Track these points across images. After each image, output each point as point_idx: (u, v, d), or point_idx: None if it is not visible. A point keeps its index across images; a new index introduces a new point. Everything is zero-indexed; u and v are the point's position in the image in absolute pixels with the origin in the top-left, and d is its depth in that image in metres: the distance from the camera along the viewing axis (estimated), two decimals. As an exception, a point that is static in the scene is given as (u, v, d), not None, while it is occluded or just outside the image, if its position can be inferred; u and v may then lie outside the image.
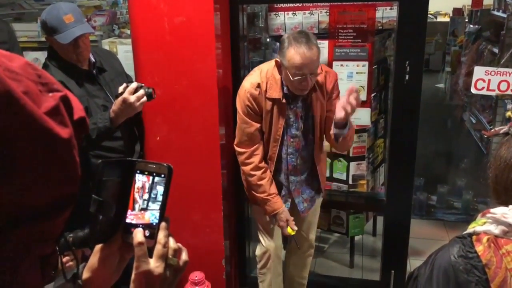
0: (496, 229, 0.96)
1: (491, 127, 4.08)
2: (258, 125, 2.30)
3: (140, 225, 0.81)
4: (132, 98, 2.03)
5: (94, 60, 2.33)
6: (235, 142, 2.39)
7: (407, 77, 2.39)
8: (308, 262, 2.76)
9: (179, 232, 2.64)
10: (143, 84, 2.10)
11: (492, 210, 1.00)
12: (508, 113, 1.01)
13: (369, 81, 2.51)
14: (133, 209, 0.82)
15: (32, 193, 0.50)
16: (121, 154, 2.34)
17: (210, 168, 2.58)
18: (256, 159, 2.33)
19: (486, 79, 2.28)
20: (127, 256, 0.86)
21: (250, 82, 2.27)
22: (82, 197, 0.69)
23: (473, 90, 2.34)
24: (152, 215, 0.81)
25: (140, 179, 0.82)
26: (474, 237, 0.99)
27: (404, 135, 2.52)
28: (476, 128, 4.81)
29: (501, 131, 1.06)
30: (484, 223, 1.00)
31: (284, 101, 2.23)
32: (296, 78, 2.09)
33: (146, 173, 0.82)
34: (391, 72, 2.75)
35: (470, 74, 2.94)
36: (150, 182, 0.82)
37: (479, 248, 0.96)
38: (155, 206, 0.82)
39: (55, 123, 0.52)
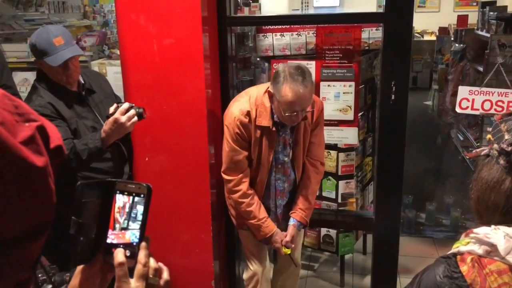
0: (479, 249, 0.97)
1: (478, 144, 4.13)
2: (246, 153, 2.31)
3: (121, 245, 0.82)
4: (123, 118, 2.04)
5: (83, 82, 2.34)
6: (222, 169, 2.40)
7: (393, 96, 2.43)
8: (296, 281, 2.75)
9: (168, 253, 2.65)
10: (133, 104, 2.11)
11: (475, 230, 1.01)
12: (489, 136, 1.03)
13: (355, 100, 2.55)
14: (114, 228, 0.83)
15: (6, 220, 0.51)
16: (109, 176, 2.33)
17: (199, 188, 2.58)
18: (243, 186, 2.34)
19: (470, 99, 2.33)
20: (109, 276, 0.87)
21: (239, 109, 2.25)
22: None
23: (458, 110, 2.38)
24: (132, 235, 0.82)
25: (121, 199, 0.83)
26: (458, 257, 1.00)
27: (391, 153, 2.55)
28: (463, 145, 4.86)
29: (482, 153, 1.07)
30: (468, 243, 1.01)
31: (274, 129, 2.25)
32: (287, 114, 2.12)
33: (126, 193, 0.83)
34: (377, 91, 2.79)
35: (456, 93, 2.99)
36: (130, 202, 0.83)
37: (464, 268, 0.97)
38: (135, 226, 0.83)
39: (30, 152, 0.54)
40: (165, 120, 2.48)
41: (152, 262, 0.82)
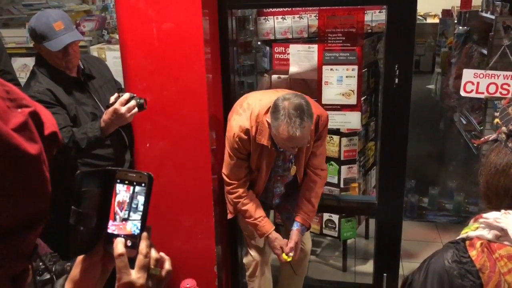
0: (489, 234, 0.97)
1: (481, 127, 4.09)
2: (246, 164, 2.33)
3: (122, 235, 0.81)
4: (123, 109, 2.03)
5: (82, 67, 2.31)
6: (223, 171, 2.42)
7: (396, 80, 2.40)
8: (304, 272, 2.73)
9: (171, 239, 2.65)
10: (134, 95, 2.10)
11: (484, 215, 1.00)
12: (496, 120, 1.01)
13: (358, 85, 2.51)
14: (114, 219, 0.82)
15: (0, 211, 0.49)
16: (110, 162, 2.32)
17: (201, 174, 2.57)
18: (241, 190, 2.37)
19: (475, 82, 2.29)
20: (110, 266, 0.85)
21: (239, 125, 2.24)
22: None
23: (462, 93, 2.34)
24: (133, 226, 0.81)
25: (121, 189, 0.82)
26: (467, 242, 0.99)
27: (395, 138, 2.52)
28: (466, 129, 4.83)
29: (490, 139, 1.07)
30: (477, 228, 1.00)
31: (273, 148, 2.24)
32: (282, 147, 2.16)
33: (127, 182, 0.82)
34: (380, 75, 2.76)
35: (459, 76, 2.95)
36: (131, 192, 0.81)
37: (473, 253, 0.96)
38: (136, 216, 0.81)
39: (23, 139, 0.51)
40: (165, 106, 2.46)
41: (154, 253, 0.81)
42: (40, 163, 0.54)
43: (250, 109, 2.24)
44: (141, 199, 0.81)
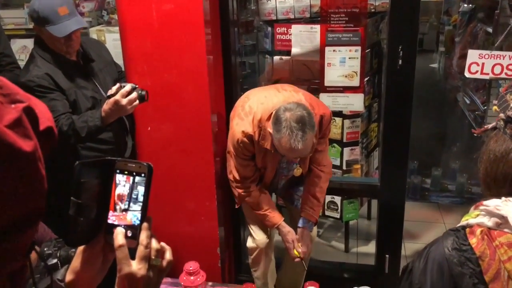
0: (489, 222, 0.97)
1: (485, 107, 4.06)
2: (252, 163, 2.31)
3: (122, 226, 0.80)
4: (124, 101, 2.03)
5: (82, 50, 2.28)
6: (230, 173, 2.42)
7: (400, 61, 2.37)
8: (301, 279, 2.72)
9: (174, 222, 2.66)
10: (137, 86, 2.10)
11: (485, 202, 1.00)
12: (494, 107, 1.02)
13: (361, 66, 2.48)
14: (115, 210, 0.81)
15: None
16: (111, 146, 2.31)
17: (203, 156, 2.56)
18: (251, 186, 2.37)
19: (480, 63, 2.25)
20: (110, 257, 0.85)
21: (241, 130, 2.20)
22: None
23: (466, 74, 2.31)
24: (134, 216, 0.80)
25: (121, 179, 0.81)
26: (467, 230, 1.00)
27: (398, 119, 2.50)
28: (470, 109, 4.79)
29: (489, 127, 1.07)
30: (477, 215, 1.00)
31: (276, 152, 2.21)
32: (285, 156, 2.17)
33: (126, 172, 0.81)
34: (384, 56, 2.72)
35: (463, 56, 2.91)
36: (131, 182, 0.80)
37: (473, 241, 0.96)
38: (136, 207, 0.81)
39: (17, 136, 0.50)
40: (166, 88, 2.44)
41: (154, 243, 0.80)
42: (35, 161, 0.52)
43: (252, 113, 2.20)
44: (141, 189, 0.80)
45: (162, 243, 0.83)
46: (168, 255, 0.83)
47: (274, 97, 2.20)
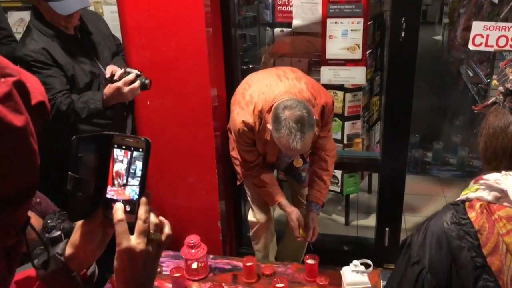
0: (488, 195, 0.96)
1: (488, 80, 4.01)
2: (254, 149, 2.30)
3: (121, 201, 0.80)
4: (126, 89, 2.04)
5: (79, 24, 2.24)
6: (231, 150, 2.41)
7: (403, 33, 2.32)
8: (302, 252, 2.74)
9: (175, 195, 2.67)
10: (141, 73, 2.10)
11: (484, 176, 0.99)
12: (494, 81, 1.02)
13: (364, 38, 2.43)
14: (113, 184, 0.81)
15: None
16: (109, 120, 2.30)
17: (203, 130, 2.55)
18: (249, 167, 2.37)
19: (484, 35, 2.21)
20: (109, 231, 0.86)
21: (242, 120, 2.17)
22: None
23: (470, 47, 2.27)
24: (132, 191, 0.80)
25: (118, 154, 0.80)
26: (467, 204, 0.99)
27: (400, 92, 2.48)
28: (473, 81, 4.73)
29: (489, 102, 1.06)
30: (477, 189, 0.99)
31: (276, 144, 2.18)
32: (285, 154, 2.17)
33: (124, 147, 0.80)
34: (387, 28, 2.67)
35: (468, 28, 2.85)
36: (129, 157, 0.80)
37: (472, 215, 0.96)
38: (134, 182, 0.80)
39: (7, 111, 0.49)
40: (165, 62, 2.41)
41: (153, 218, 0.80)
42: (27, 136, 0.51)
43: (253, 103, 2.16)
44: (139, 164, 0.80)
45: (161, 217, 0.83)
46: (167, 229, 0.83)
47: (276, 87, 2.15)
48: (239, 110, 2.21)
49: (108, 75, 2.11)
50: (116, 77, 2.05)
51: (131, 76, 2.05)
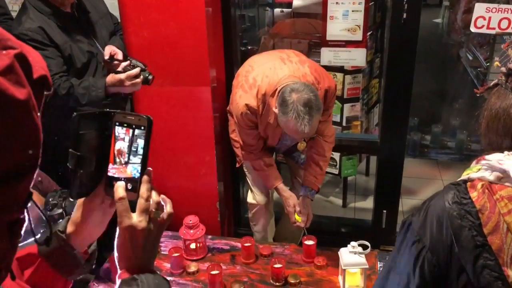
0: (490, 176, 0.96)
1: (488, 64, 4.00)
2: (255, 131, 2.28)
3: (122, 179, 0.79)
4: (128, 83, 2.05)
5: (76, 1, 2.20)
6: (231, 132, 2.41)
7: (404, 15, 2.30)
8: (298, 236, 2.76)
9: (173, 176, 2.67)
10: (146, 68, 2.12)
11: (487, 156, 0.99)
12: (496, 63, 1.02)
13: (365, 19, 2.41)
14: (114, 162, 0.80)
15: None
16: (108, 100, 2.28)
17: (202, 112, 2.54)
18: (249, 150, 2.36)
19: (486, 17, 2.19)
20: (111, 209, 0.86)
21: (245, 103, 2.15)
22: None
23: (472, 29, 2.25)
24: (133, 169, 0.80)
25: (120, 132, 0.79)
26: (468, 184, 0.99)
27: (400, 75, 2.47)
28: (472, 65, 4.71)
29: (491, 84, 1.06)
30: (479, 169, 0.99)
31: (279, 127, 2.17)
32: (290, 136, 2.16)
33: (125, 125, 0.79)
34: (388, 9, 2.64)
35: (469, 10, 2.83)
36: (130, 135, 0.79)
37: (473, 194, 0.96)
38: (136, 160, 0.80)
39: (9, 84, 0.48)
40: (163, 42, 2.38)
41: (155, 196, 0.80)
42: (29, 109, 0.51)
43: (257, 87, 2.14)
44: (140, 142, 0.79)
45: (163, 196, 0.82)
46: (169, 208, 0.82)
47: (280, 70, 2.14)
48: (242, 93, 2.19)
49: (107, 56, 2.09)
50: (120, 68, 2.06)
51: (135, 71, 2.06)
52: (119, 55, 2.11)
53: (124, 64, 2.06)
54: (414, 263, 0.98)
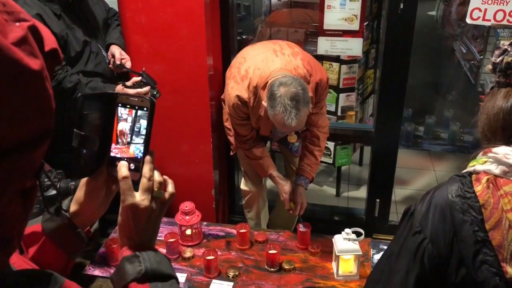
0: (496, 169, 0.95)
1: (481, 57, 4.03)
2: (248, 123, 2.28)
3: (125, 159, 0.81)
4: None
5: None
6: (225, 121, 2.40)
7: (401, 5, 2.31)
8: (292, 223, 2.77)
9: (169, 163, 2.68)
10: (155, 85, 2.22)
11: (494, 149, 0.98)
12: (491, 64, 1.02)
13: (362, 9, 2.42)
14: (117, 142, 0.81)
15: (3, 127, 0.48)
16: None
17: (199, 100, 2.55)
18: (243, 140, 2.37)
19: (482, 9, 2.21)
20: (114, 189, 0.87)
21: (236, 94, 2.15)
22: None
23: (468, 20, 2.27)
24: (136, 149, 0.81)
25: (123, 112, 0.80)
26: (473, 176, 0.98)
27: (396, 66, 2.48)
28: (466, 58, 4.74)
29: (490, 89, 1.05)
30: (485, 162, 0.98)
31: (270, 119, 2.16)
32: (279, 129, 2.16)
33: (128, 106, 0.81)
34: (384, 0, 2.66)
35: (464, 3, 2.85)
36: (133, 115, 0.80)
37: (478, 188, 0.95)
38: (139, 140, 0.81)
39: (24, 54, 0.49)
40: (161, 27, 2.38)
41: (157, 176, 0.81)
42: (43, 79, 0.52)
43: (248, 79, 2.14)
44: (143, 123, 0.81)
45: (165, 176, 0.84)
46: (171, 188, 0.84)
47: (271, 63, 2.13)
48: (234, 85, 2.19)
49: (117, 60, 2.20)
50: (129, 83, 2.14)
51: (144, 90, 2.15)
52: (128, 62, 2.20)
53: (135, 79, 2.13)
54: (415, 253, 0.98)
